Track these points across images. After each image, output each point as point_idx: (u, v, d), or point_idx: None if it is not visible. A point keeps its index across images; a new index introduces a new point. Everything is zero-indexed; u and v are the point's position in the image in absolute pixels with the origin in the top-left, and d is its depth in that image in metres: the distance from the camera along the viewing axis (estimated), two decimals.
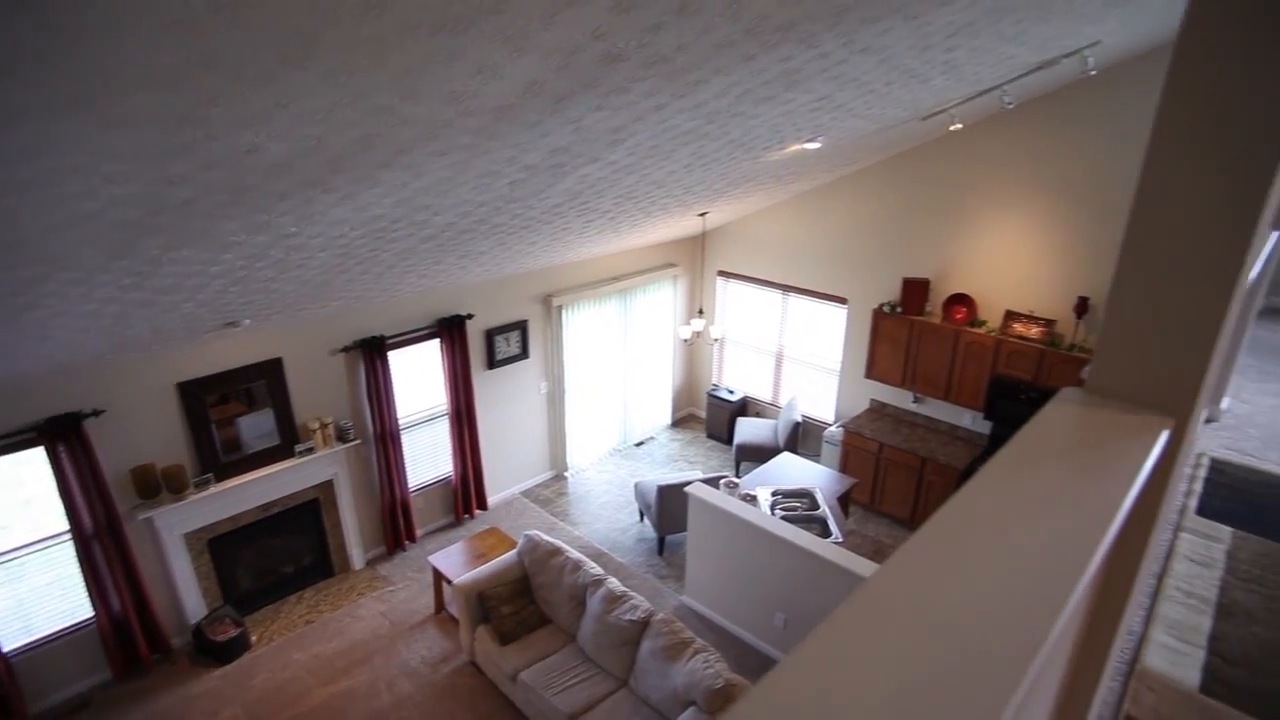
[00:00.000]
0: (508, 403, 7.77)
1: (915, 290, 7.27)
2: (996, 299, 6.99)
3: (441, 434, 7.23)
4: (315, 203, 2.86)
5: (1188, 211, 1.15)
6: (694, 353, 9.85)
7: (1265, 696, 1.93)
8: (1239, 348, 3.48)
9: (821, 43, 2.89)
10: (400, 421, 6.68)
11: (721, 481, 6.26)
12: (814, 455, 8.59)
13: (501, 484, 7.99)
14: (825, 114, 4.30)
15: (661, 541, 7.12)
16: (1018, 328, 6.69)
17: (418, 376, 6.94)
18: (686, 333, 7.93)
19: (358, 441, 6.38)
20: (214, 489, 5.55)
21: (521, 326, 7.62)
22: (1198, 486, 2.96)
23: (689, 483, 6.12)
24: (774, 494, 6.22)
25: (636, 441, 9.34)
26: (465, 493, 7.47)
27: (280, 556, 6.40)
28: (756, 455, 8.25)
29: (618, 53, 2.32)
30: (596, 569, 5.40)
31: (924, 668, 0.69)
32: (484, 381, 7.43)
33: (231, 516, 5.82)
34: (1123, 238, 1.23)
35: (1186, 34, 1.11)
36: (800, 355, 8.91)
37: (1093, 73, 4.87)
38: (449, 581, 5.82)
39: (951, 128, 5.48)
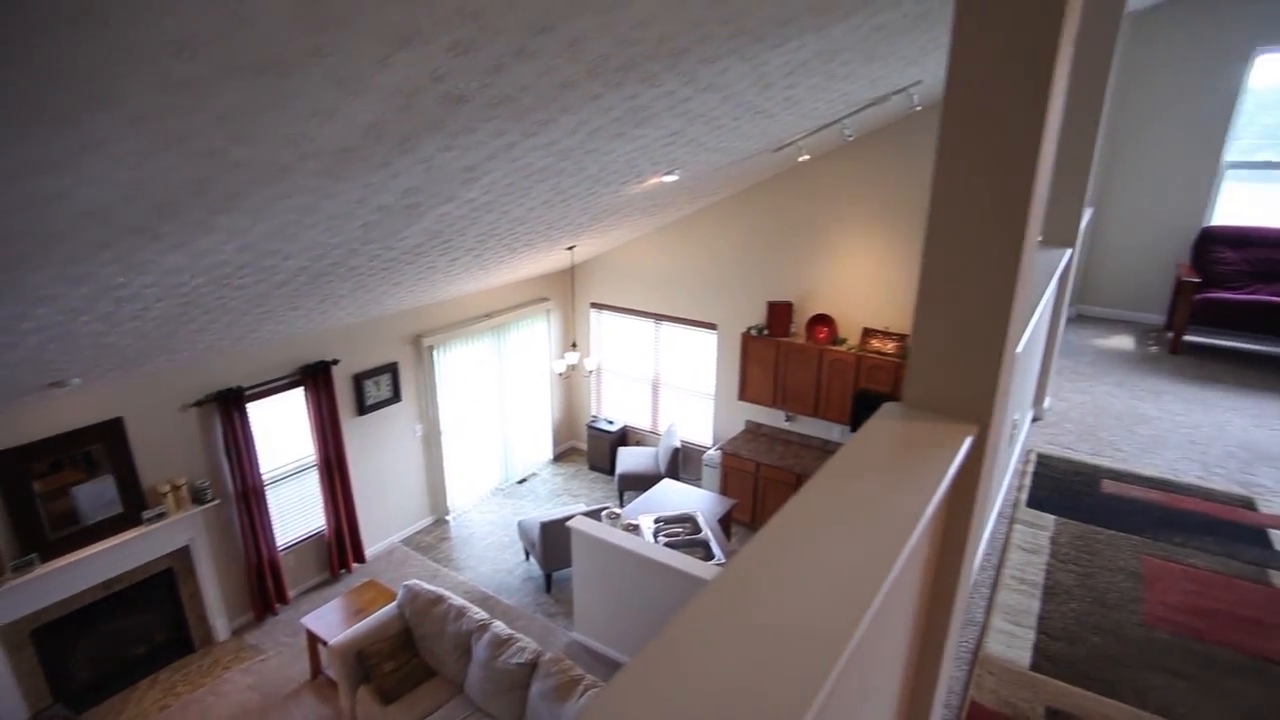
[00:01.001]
0: (381, 449, 7.48)
1: (780, 313, 7.61)
2: (855, 317, 7.42)
3: (311, 486, 6.85)
4: (143, 250, 2.68)
5: (965, 247, 1.29)
6: (571, 386, 9.85)
7: (1079, 662, 2.13)
8: (1053, 353, 3.85)
9: (664, 81, 3.01)
10: (264, 477, 6.28)
11: (603, 513, 6.25)
12: (695, 479, 8.75)
13: (379, 534, 7.65)
14: (679, 148, 4.46)
15: (548, 579, 7.01)
16: (875, 343, 7.12)
17: (282, 427, 6.57)
18: (561, 366, 7.93)
19: (217, 502, 5.94)
20: (39, 570, 4.98)
21: (392, 369, 7.38)
22: (1028, 481, 3.23)
23: (571, 517, 6.08)
24: (656, 521, 6.28)
25: (519, 479, 9.19)
26: (340, 546, 7.10)
27: (128, 638, 5.82)
28: (639, 484, 8.31)
29: (460, 94, 2.33)
30: (481, 614, 5.24)
31: (743, 669, 0.73)
32: (355, 428, 7.12)
33: (63, 600, 5.24)
34: (920, 270, 1.36)
35: (949, 96, 1.25)
36: (676, 382, 9.10)
37: (919, 108, 5.32)
38: (325, 643, 5.49)
39: (800, 159, 5.81)
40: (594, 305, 9.37)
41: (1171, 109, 5.96)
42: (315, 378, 6.51)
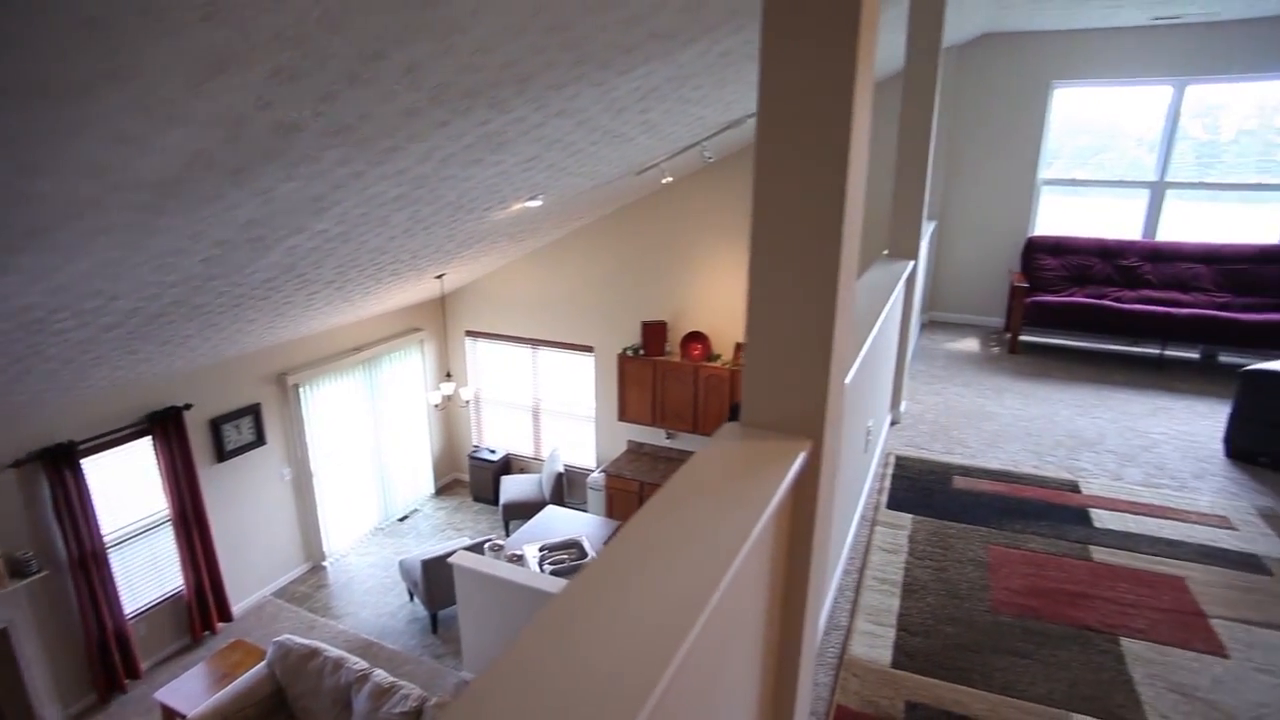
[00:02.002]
0: (246, 496, 6.99)
1: (654, 332, 7.72)
2: (728, 333, 7.63)
3: (165, 544, 6.30)
4: None
5: (784, 276, 1.34)
6: (450, 417, 9.58)
7: (935, 654, 2.24)
8: (905, 360, 4.08)
9: (514, 107, 3.00)
10: (107, 539, 5.72)
11: (486, 545, 6.10)
12: (581, 503, 8.69)
13: (247, 588, 7.12)
14: (539, 172, 4.45)
15: (434, 619, 6.75)
16: None
17: (127, 482, 6.01)
18: (436, 398, 7.71)
19: (44, 573, 5.33)
20: None
21: (254, 411, 6.93)
22: (887, 484, 3.40)
23: (453, 553, 5.88)
24: (542, 549, 6.17)
25: (400, 516, 8.83)
26: (202, 606, 6.55)
27: None
28: (524, 512, 8.16)
29: (292, 122, 2.22)
30: (360, 663, 4.96)
31: (571, 689, 0.72)
32: (214, 477, 6.62)
33: None
34: (747, 298, 1.40)
35: (759, 137, 1.30)
36: (556, 406, 9.04)
37: (710, 159, 5.55)
38: (183, 718, 5.03)
39: (663, 181, 5.94)
40: (469, 333, 9.19)
41: (996, 131, 6.52)
42: (165, 425, 6.02)
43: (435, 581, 6.51)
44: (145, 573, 6.21)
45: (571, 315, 8.46)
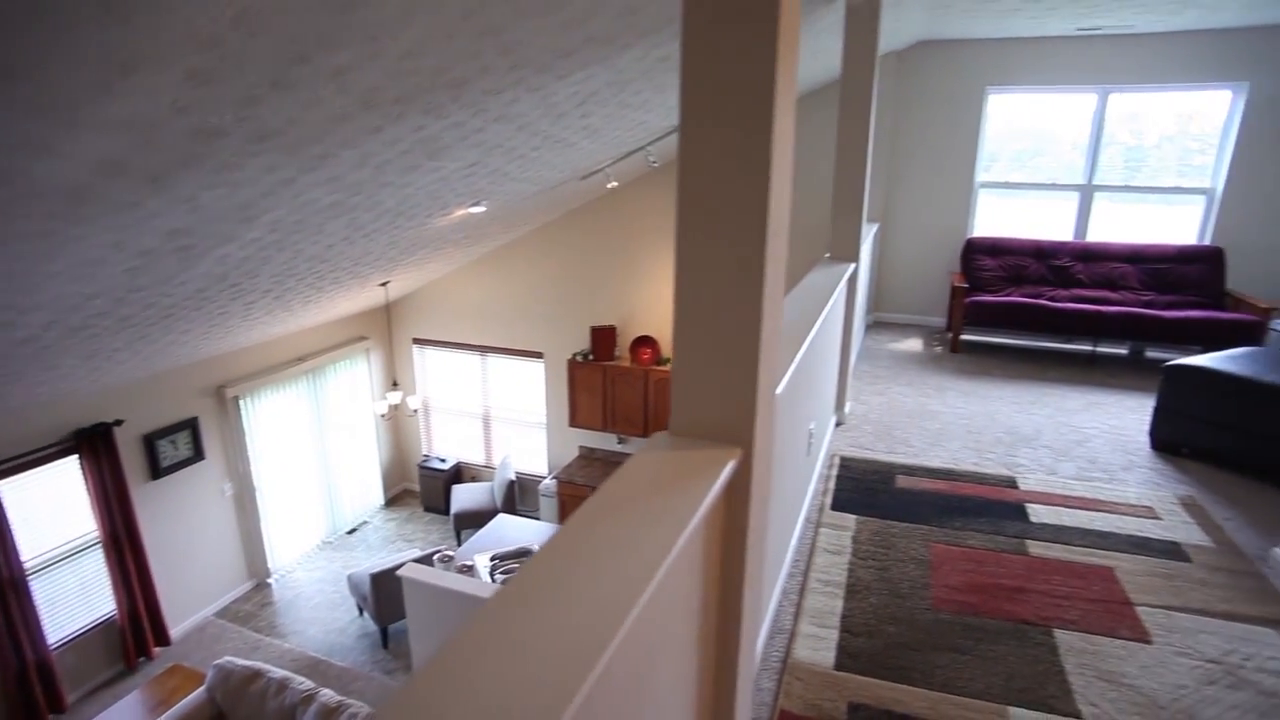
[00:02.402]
0: (184, 514, 6.74)
1: (603, 337, 7.69)
2: None
3: (95, 567, 6.03)
4: None
5: (709, 284, 1.33)
6: (399, 426, 9.41)
7: (877, 654, 2.26)
8: (849, 361, 4.13)
9: (451, 113, 2.95)
10: (27, 565, 5.44)
11: (435, 557, 5.99)
12: (533, 511, 8.62)
13: (186, 609, 6.86)
14: (481, 178, 4.40)
15: (384, 633, 6.60)
16: None
17: (51, 503, 5.74)
18: (382, 408, 7.55)
19: None
20: None
21: (191, 425, 6.69)
22: (832, 485, 3.43)
23: (403, 564, 5.76)
24: (493, 559, 6.09)
25: (348, 529, 8.63)
26: (137, 631, 6.29)
27: None
28: (476, 521, 8.05)
29: (213, 127, 2.14)
30: (306, 684, 4.81)
31: (487, 706, 0.69)
32: (148, 495, 6.36)
33: None
34: (674, 308, 1.39)
35: (681, 147, 1.29)
36: (507, 413, 8.94)
37: (655, 163, 5.58)
38: None
39: (609, 186, 5.93)
40: (417, 341, 9.03)
41: (936, 136, 6.68)
42: (93, 443, 5.77)
43: (385, 595, 6.37)
44: (73, 599, 5.93)
45: (520, 321, 8.38)
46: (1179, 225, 6.46)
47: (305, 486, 7.95)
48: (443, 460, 9.05)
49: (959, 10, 5.11)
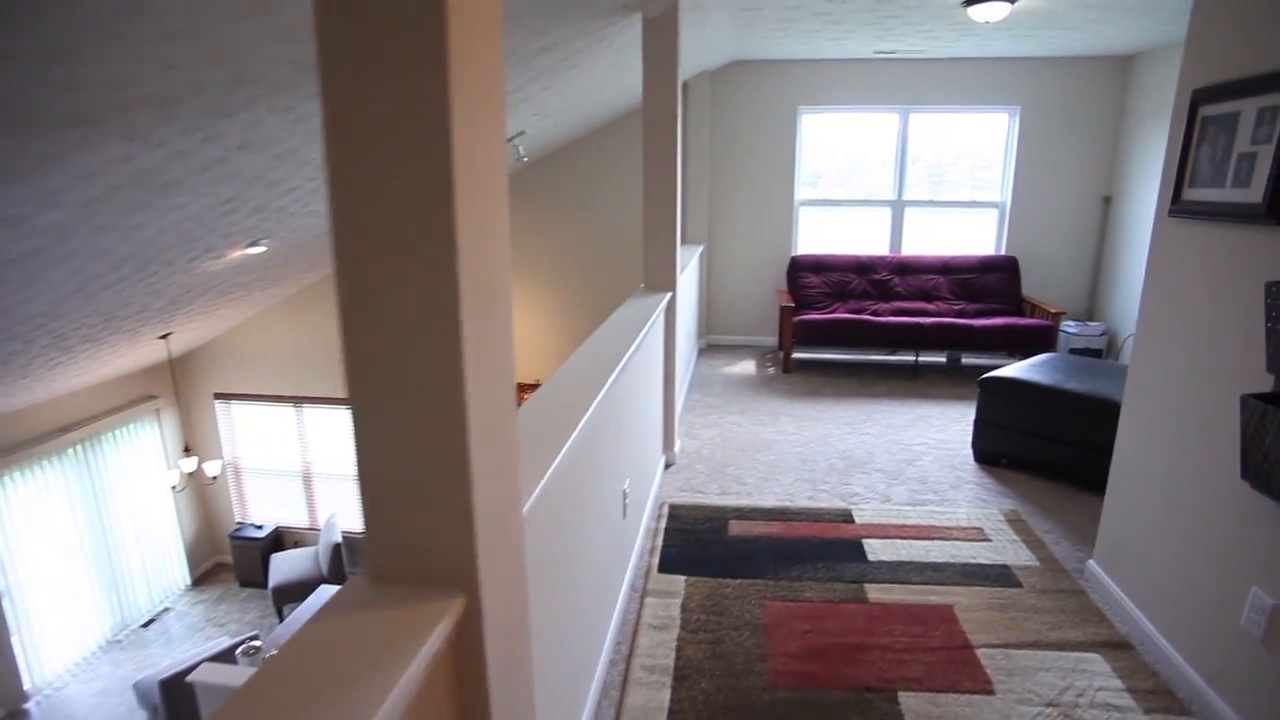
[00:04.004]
0: None
1: None
2: (520, 371, 7.19)
3: None
4: None
5: (392, 378, 0.95)
6: (206, 493, 8.29)
7: None
8: (674, 395, 3.88)
9: (165, 139, 2.40)
10: None
11: (239, 651, 5.17)
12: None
13: None
14: (248, 216, 3.79)
15: None
16: (527, 398, 6.95)
17: None
18: (174, 478, 6.56)
19: None
20: None
21: None
22: (660, 541, 3.12)
23: (197, 665, 4.91)
24: None
25: (144, 621, 7.43)
26: None
27: None
28: (299, 593, 7.16)
29: None
30: None
31: None
32: None
33: None
34: (350, 407, 0.99)
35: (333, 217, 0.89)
36: (330, 468, 8.11)
37: (525, 160, 5.24)
38: None
39: None
40: (219, 396, 8.00)
41: (754, 154, 6.69)
42: None
43: (179, 704, 5.43)
44: None
45: (335, 367, 7.59)
46: (979, 236, 6.82)
47: (81, 578, 6.74)
48: (259, 527, 8.05)
49: (765, 29, 5.07)
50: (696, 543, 3.12)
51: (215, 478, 7.59)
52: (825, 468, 4.02)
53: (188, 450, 7.09)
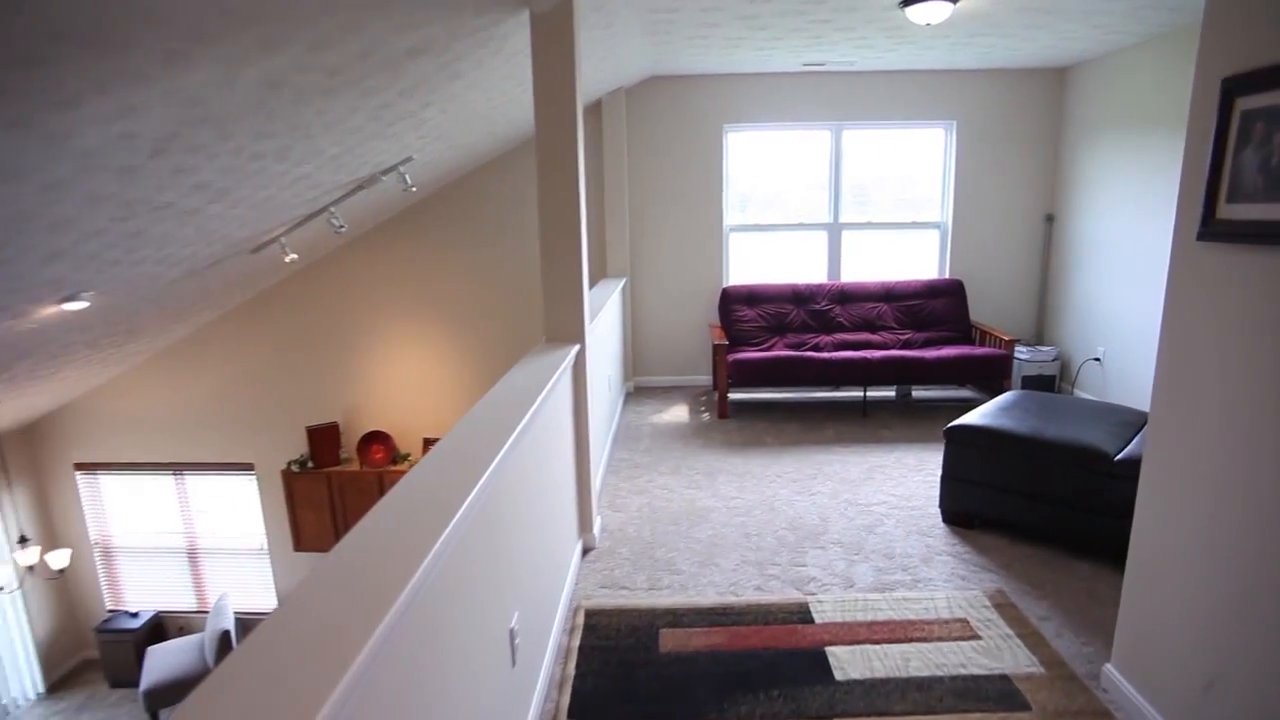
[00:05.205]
0: None
1: (324, 438, 6.27)
2: (414, 427, 6.41)
3: None
4: None
5: None
6: (66, 580, 7.17)
7: None
8: (587, 463, 3.20)
9: None
10: None
11: None
12: None
13: None
14: (62, 267, 2.98)
15: None
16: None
17: None
18: (4, 575, 5.52)
19: None
20: None
21: None
22: (572, 670, 2.43)
23: None
24: None
25: None
26: None
27: None
28: (178, 693, 6.14)
29: None
30: None
31: None
32: None
33: None
34: None
35: None
36: (218, 542, 7.11)
37: (414, 189, 4.54)
38: None
39: (287, 259, 4.63)
40: (80, 467, 6.94)
41: (677, 177, 6.13)
42: None
43: None
44: None
45: (221, 427, 6.68)
46: (920, 258, 6.40)
47: None
48: (134, 615, 6.97)
49: (682, 36, 4.51)
50: (620, 669, 2.42)
51: (62, 570, 6.50)
52: (773, 543, 3.39)
53: (23, 540, 6.02)
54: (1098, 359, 5.51)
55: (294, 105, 2.75)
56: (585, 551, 3.28)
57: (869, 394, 5.93)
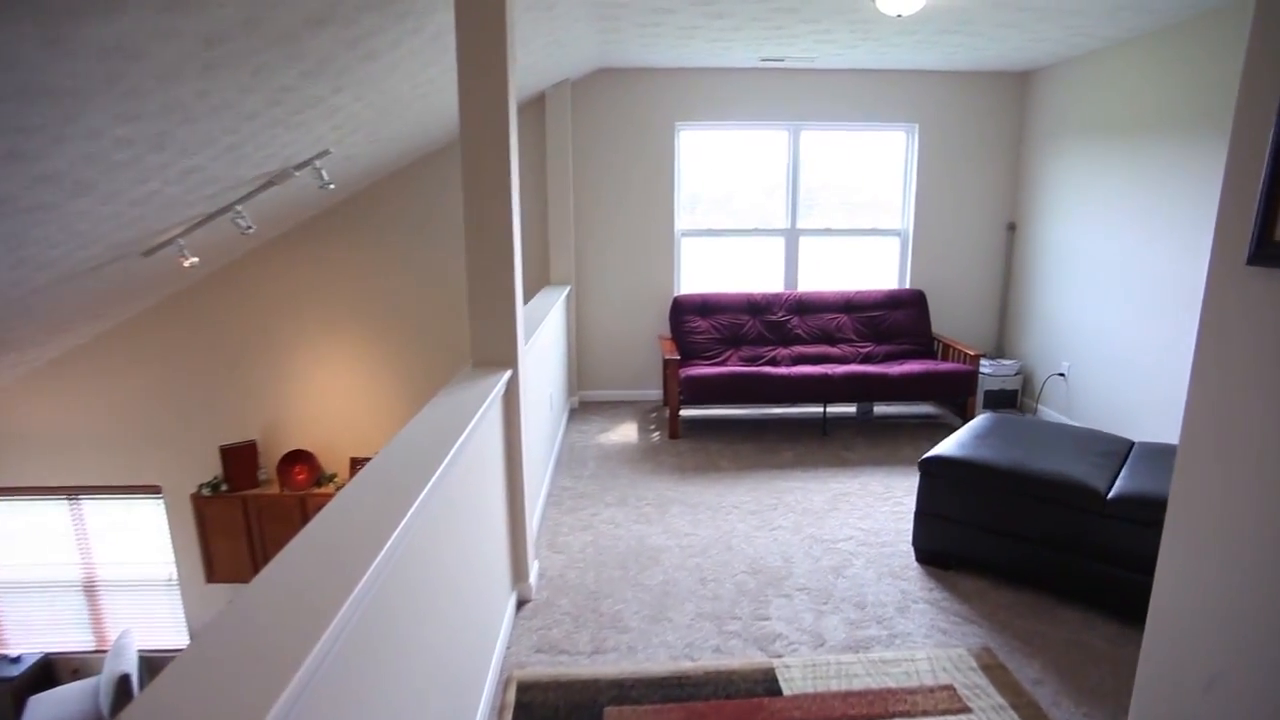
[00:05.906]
0: None
1: (240, 459, 5.69)
2: (340, 445, 5.88)
3: None
4: None
5: None
6: None
7: None
8: (524, 504, 2.78)
9: None
10: None
11: None
12: None
13: None
14: None
15: None
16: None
17: None
18: None
19: None
20: None
21: None
22: None
23: None
24: None
25: None
26: None
27: None
28: None
29: None
30: None
31: None
32: None
33: None
34: None
35: None
36: (120, 575, 6.45)
37: (332, 186, 4.05)
38: None
39: (186, 264, 4.09)
40: None
41: (626, 178, 5.75)
42: None
43: None
44: None
45: (124, 447, 6.03)
46: (880, 267, 6.14)
47: None
48: (14, 660, 6.25)
49: (632, 22, 4.13)
50: None
51: None
52: (732, 590, 3.02)
53: None
54: (1062, 374, 5.31)
55: (160, 81, 2.27)
56: (520, 604, 2.85)
57: (830, 410, 5.63)
